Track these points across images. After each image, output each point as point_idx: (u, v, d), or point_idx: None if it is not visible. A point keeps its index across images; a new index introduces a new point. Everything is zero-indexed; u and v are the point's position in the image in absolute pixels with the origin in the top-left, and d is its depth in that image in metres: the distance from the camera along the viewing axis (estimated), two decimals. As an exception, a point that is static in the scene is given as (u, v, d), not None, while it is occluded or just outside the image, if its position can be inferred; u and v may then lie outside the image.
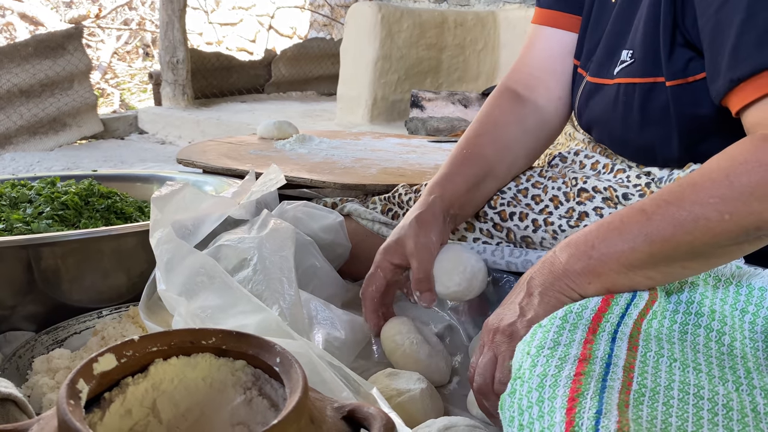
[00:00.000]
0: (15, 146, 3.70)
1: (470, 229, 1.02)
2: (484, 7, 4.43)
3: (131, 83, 6.77)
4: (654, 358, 0.56)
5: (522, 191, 1.00)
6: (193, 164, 1.47)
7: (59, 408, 0.42)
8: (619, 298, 0.64)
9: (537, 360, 0.55)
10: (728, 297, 0.66)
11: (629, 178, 0.93)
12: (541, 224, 0.95)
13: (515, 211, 0.98)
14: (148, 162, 3.18)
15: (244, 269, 0.82)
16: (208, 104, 4.68)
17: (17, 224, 1.02)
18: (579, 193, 0.95)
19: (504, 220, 0.99)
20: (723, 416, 0.50)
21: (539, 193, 0.99)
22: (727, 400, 0.52)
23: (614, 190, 0.91)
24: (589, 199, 0.94)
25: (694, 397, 0.51)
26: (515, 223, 0.98)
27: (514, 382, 0.56)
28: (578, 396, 0.49)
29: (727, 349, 0.60)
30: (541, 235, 0.95)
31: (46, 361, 0.78)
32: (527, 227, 0.97)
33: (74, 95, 3.99)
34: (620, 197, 0.91)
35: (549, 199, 0.97)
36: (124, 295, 0.98)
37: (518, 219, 0.97)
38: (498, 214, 0.99)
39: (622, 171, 0.94)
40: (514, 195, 1.00)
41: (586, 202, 0.94)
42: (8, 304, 0.92)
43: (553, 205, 0.97)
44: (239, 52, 7.39)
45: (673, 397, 0.51)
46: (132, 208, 1.18)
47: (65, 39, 3.93)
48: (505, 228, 0.99)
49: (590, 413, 0.48)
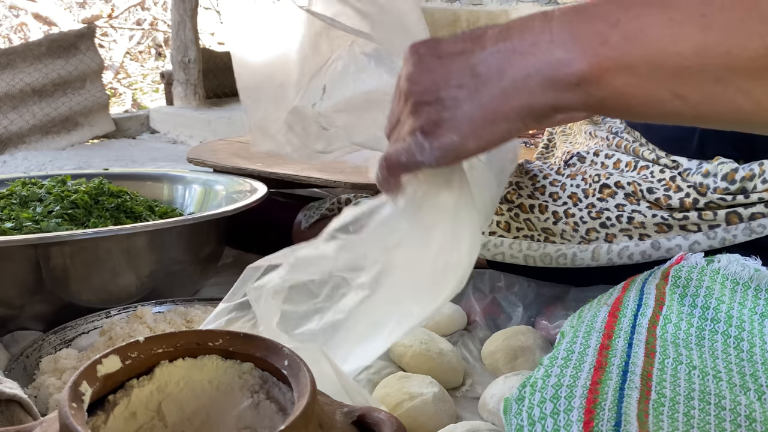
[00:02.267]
0: (27, 145, 3.71)
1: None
2: (497, 5, 4.41)
3: (143, 83, 6.79)
4: (672, 365, 0.54)
5: (539, 189, 0.99)
6: (203, 163, 1.46)
7: (61, 411, 0.41)
8: (625, 309, 0.62)
9: (551, 370, 0.53)
10: (746, 301, 0.64)
11: (653, 173, 0.91)
12: (562, 216, 0.94)
13: (534, 203, 0.97)
14: (160, 161, 3.19)
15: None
16: (219, 104, 4.68)
17: (27, 223, 1.01)
18: (601, 189, 0.93)
19: (525, 212, 0.98)
20: (746, 428, 0.48)
21: (557, 190, 0.98)
22: (750, 411, 0.50)
23: (638, 185, 0.90)
24: (611, 196, 0.92)
25: (715, 408, 0.49)
26: (536, 215, 0.97)
27: (523, 388, 0.54)
28: (595, 407, 0.48)
29: (746, 355, 0.58)
30: (562, 227, 0.94)
31: (53, 361, 0.77)
32: (547, 219, 0.96)
33: (86, 95, 4.00)
34: (644, 191, 0.89)
35: (567, 196, 0.96)
36: (133, 295, 0.98)
37: (539, 211, 0.97)
38: (518, 207, 0.99)
39: (646, 167, 0.93)
40: (531, 192, 0.99)
41: (608, 199, 0.92)
42: (16, 303, 0.92)
43: (572, 201, 0.95)
44: (251, 52, 7.39)
45: (693, 407, 0.49)
46: (142, 207, 1.17)
47: (78, 39, 3.94)
48: (524, 217, 0.98)
49: (609, 426, 0.46)
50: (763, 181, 0.83)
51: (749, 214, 0.84)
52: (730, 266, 0.67)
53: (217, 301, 0.94)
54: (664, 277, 0.67)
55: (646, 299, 0.63)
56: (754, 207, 0.84)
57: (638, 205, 0.90)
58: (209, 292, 1.17)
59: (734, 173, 0.84)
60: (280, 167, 1.37)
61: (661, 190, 0.89)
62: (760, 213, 0.84)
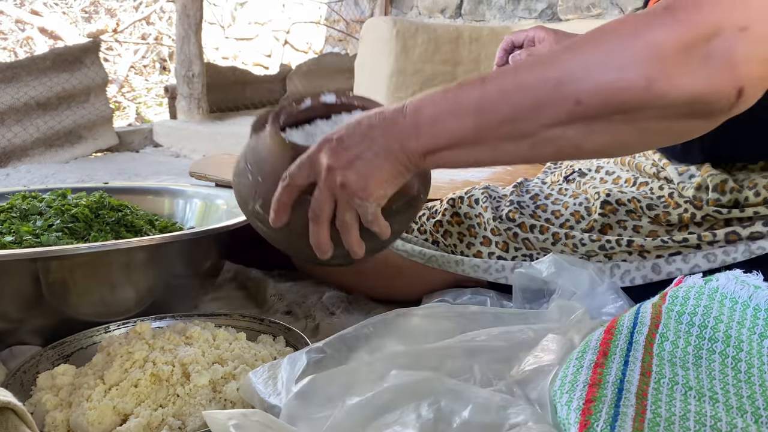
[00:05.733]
0: (31, 158, 3.72)
1: (486, 243, 1.01)
2: (500, 22, 4.43)
3: (147, 96, 6.83)
4: (668, 385, 0.54)
5: (541, 207, 1.00)
6: (205, 177, 1.47)
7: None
8: (621, 327, 0.62)
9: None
10: (745, 321, 0.64)
11: (652, 190, 0.93)
12: (562, 237, 0.95)
13: (536, 224, 0.98)
14: (162, 175, 3.19)
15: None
16: (223, 118, 4.70)
17: (27, 236, 1.02)
18: (602, 206, 0.94)
19: (525, 231, 0.99)
20: (741, 451, 0.48)
21: (559, 208, 0.98)
22: (746, 434, 0.50)
23: (638, 201, 0.92)
24: (613, 212, 0.94)
25: (711, 430, 0.49)
26: (535, 236, 0.97)
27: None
28: (589, 424, 0.48)
29: (744, 376, 0.58)
30: (561, 248, 0.95)
31: (50, 377, 0.77)
32: (546, 239, 0.96)
33: (90, 108, 4.01)
34: (644, 208, 0.91)
35: (570, 213, 0.97)
36: (132, 309, 0.97)
37: (539, 232, 0.97)
38: (518, 227, 0.99)
39: (645, 184, 0.95)
40: (533, 212, 1.00)
41: (610, 215, 0.94)
42: (15, 317, 0.91)
43: (575, 219, 0.96)
44: (255, 66, 7.44)
45: (689, 428, 0.49)
46: (142, 221, 1.17)
47: (83, 53, 3.96)
48: (523, 237, 0.98)
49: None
50: (755, 194, 0.84)
51: (748, 233, 0.84)
52: (729, 285, 0.67)
53: (217, 317, 0.95)
54: (662, 297, 0.67)
55: (642, 317, 0.63)
56: (753, 226, 0.84)
57: (640, 221, 0.91)
58: (209, 307, 1.17)
59: (724, 184, 0.85)
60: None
61: (660, 206, 0.90)
62: (759, 233, 0.84)
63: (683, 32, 0.54)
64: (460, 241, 1.05)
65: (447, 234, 1.07)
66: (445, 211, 1.08)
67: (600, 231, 0.94)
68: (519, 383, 0.61)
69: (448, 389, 0.56)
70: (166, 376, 0.73)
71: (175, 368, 0.74)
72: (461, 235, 1.05)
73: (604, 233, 0.93)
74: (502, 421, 0.52)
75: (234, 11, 7.69)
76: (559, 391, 0.54)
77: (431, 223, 1.09)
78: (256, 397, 0.66)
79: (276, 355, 0.84)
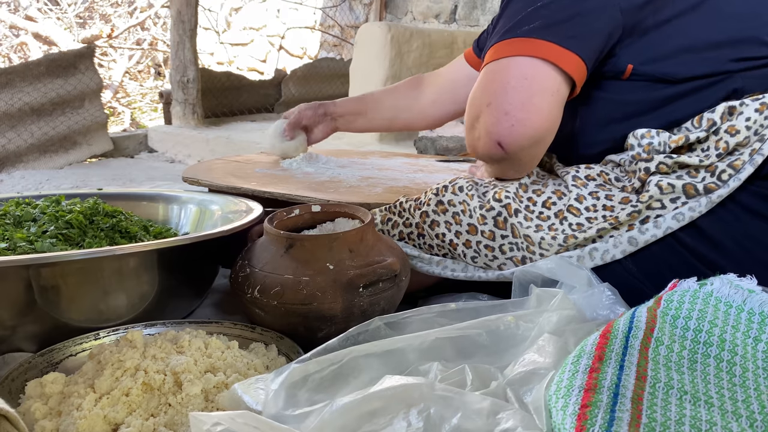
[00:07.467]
0: (25, 164, 3.72)
1: (472, 231, 1.02)
2: (494, 27, 4.44)
3: (142, 102, 6.82)
4: (664, 389, 0.53)
5: (522, 187, 1.04)
6: (198, 182, 1.46)
7: None
8: (616, 331, 0.61)
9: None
10: (740, 324, 0.64)
11: (614, 169, 1.01)
12: (545, 228, 0.98)
13: (520, 208, 1.01)
14: (157, 180, 3.19)
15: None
16: (217, 123, 4.69)
17: (21, 243, 1.01)
18: (574, 179, 1.01)
19: (510, 215, 1.01)
20: (736, 456, 0.48)
21: (539, 188, 1.04)
22: (741, 438, 0.49)
23: (606, 174, 0.99)
24: (584, 185, 0.99)
25: (705, 435, 0.49)
26: (519, 220, 1.00)
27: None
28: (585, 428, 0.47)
29: (739, 380, 0.58)
30: (542, 234, 0.96)
31: (39, 385, 0.76)
32: (529, 227, 0.99)
33: (85, 114, 4.01)
34: (612, 180, 0.98)
35: (552, 191, 1.02)
36: (124, 315, 0.97)
37: (524, 218, 1.00)
38: (504, 208, 1.02)
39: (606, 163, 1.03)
40: (515, 193, 1.03)
41: (582, 187, 0.99)
42: (8, 324, 0.91)
43: (557, 196, 1.02)
44: (250, 71, 7.44)
45: (684, 433, 0.49)
46: (137, 227, 1.17)
47: (77, 58, 3.96)
48: (511, 223, 1.00)
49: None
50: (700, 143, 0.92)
51: (703, 187, 0.89)
52: (723, 289, 0.67)
53: (211, 323, 0.94)
54: (656, 301, 0.67)
55: (637, 321, 0.63)
56: (704, 180, 0.89)
57: (610, 191, 0.96)
58: (203, 313, 1.17)
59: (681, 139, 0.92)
60: (275, 186, 1.37)
61: (625, 179, 0.97)
62: (714, 184, 0.89)
63: (471, 117, 0.96)
64: (448, 230, 1.05)
65: (434, 224, 1.06)
66: (429, 201, 1.08)
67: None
68: (512, 384, 0.60)
69: (438, 396, 0.55)
70: (157, 384, 0.72)
71: (167, 377, 0.73)
72: (448, 224, 1.05)
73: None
74: (491, 427, 0.52)
75: (229, 17, 7.69)
76: (554, 396, 0.54)
77: (418, 214, 1.09)
78: (243, 406, 0.66)
79: (268, 363, 0.83)
